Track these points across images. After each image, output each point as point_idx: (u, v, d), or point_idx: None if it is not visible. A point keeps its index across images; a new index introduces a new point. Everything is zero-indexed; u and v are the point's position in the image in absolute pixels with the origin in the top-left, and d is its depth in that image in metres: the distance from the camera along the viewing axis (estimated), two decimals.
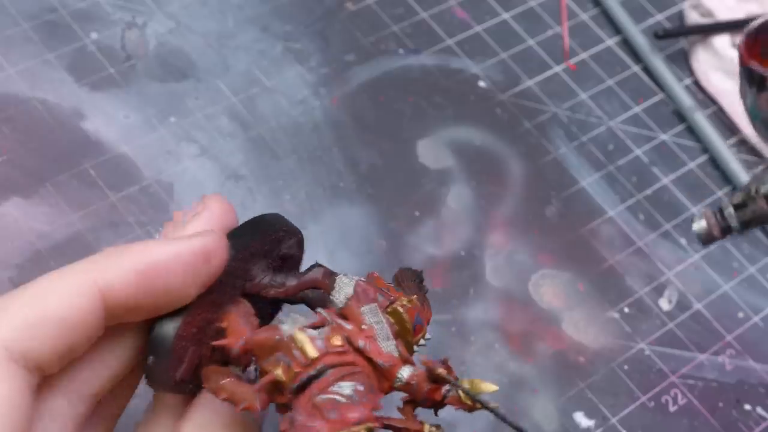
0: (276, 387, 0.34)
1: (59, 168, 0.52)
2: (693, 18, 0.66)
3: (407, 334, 0.37)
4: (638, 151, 0.61)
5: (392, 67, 0.61)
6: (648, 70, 0.65)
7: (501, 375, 0.51)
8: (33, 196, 0.51)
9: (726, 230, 0.46)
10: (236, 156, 0.55)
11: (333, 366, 0.34)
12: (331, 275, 0.37)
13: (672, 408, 0.52)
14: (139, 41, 0.58)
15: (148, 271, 0.33)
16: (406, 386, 0.36)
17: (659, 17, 0.67)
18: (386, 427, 0.36)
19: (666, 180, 0.60)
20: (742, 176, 0.60)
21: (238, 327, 0.35)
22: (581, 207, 0.58)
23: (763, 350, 0.55)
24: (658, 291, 0.56)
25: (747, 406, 0.53)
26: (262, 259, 0.37)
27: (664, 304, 0.56)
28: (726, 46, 0.64)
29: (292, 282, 0.37)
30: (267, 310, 0.38)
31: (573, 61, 0.64)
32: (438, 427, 0.36)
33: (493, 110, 0.60)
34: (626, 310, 0.55)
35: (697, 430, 0.52)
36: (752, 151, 0.63)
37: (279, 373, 0.33)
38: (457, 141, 0.59)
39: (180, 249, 0.33)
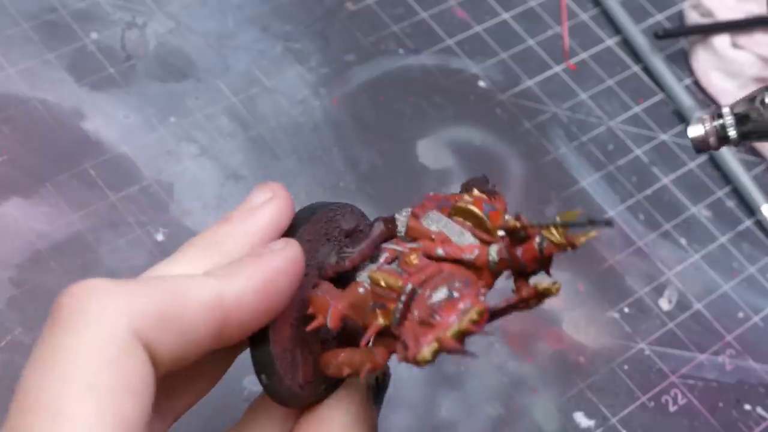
0: (387, 334, 0.33)
1: (59, 168, 0.52)
2: (693, 18, 0.66)
3: (483, 222, 0.35)
4: (638, 151, 0.61)
5: (392, 67, 0.61)
6: (648, 70, 0.65)
7: (501, 375, 0.51)
8: (33, 196, 0.51)
9: (723, 140, 0.43)
10: (236, 156, 0.55)
11: (422, 283, 0.33)
12: (392, 220, 0.36)
13: (672, 408, 0.52)
14: (139, 41, 0.58)
15: (263, 287, 0.32)
16: (503, 263, 0.34)
17: (659, 17, 0.67)
18: (504, 310, 0.34)
19: (666, 180, 0.60)
20: (742, 176, 0.60)
21: (323, 304, 0.34)
22: (581, 207, 0.58)
23: (763, 350, 0.55)
24: (658, 291, 0.56)
25: (747, 406, 0.53)
26: (326, 243, 0.36)
27: (664, 304, 0.56)
28: (726, 46, 0.64)
29: (361, 246, 0.36)
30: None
31: (573, 61, 0.64)
32: (554, 283, 0.34)
33: (493, 110, 0.60)
34: (626, 310, 0.55)
35: (697, 430, 0.52)
36: (752, 151, 0.63)
37: (379, 319, 0.33)
38: (457, 141, 0.59)
39: (281, 261, 0.33)
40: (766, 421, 0.53)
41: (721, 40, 0.64)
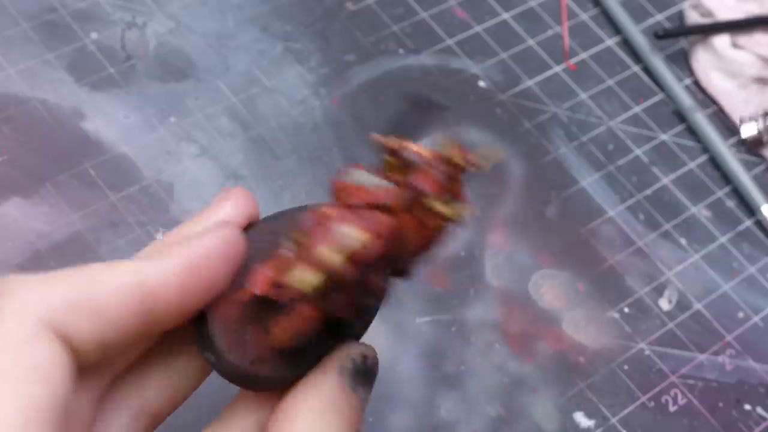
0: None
1: (59, 168, 0.52)
2: (693, 18, 0.66)
3: (406, 166, 0.35)
4: (638, 151, 0.61)
5: (392, 67, 0.61)
6: (648, 70, 0.65)
7: (501, 375, 0.51)
8: (33, 196, 0.51)
9: None
10: (236, 156, 0.55)
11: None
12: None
13: (672, 408, 0.52)
14: (139, 41, 0.58)
15: (189, 267, 0.33)
16: (411, 195, 0.34)
17: (659, 17, 0.67)
18: (407, 241, 0.34)
19: (666, 180, 0.60)
20: (742, 176, 0.60)
21: (254, 273, 0.34)
22: (581, 207, 0.58)
23: (763, 350, 0.55)
24: (658, 291, 0.56)
25: (747, 406, 0.53)
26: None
27: (664, 304, 0.56)
28: (726, 46, 0.64)
29: None
30: None
31: (573, 61, 0.64)
32: (460, 206, 0.34)
33: (493, 110, 0.60)
34: (626, 310, 0.55)
35: (697, 430, 0.52)
36: (752, 151, 0.63)
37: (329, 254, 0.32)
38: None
39: (210, 241, 0.34)
40: (766, 421, 0.53)
41: (721, 40, 0.64)
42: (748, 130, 0.43)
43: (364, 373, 0.35)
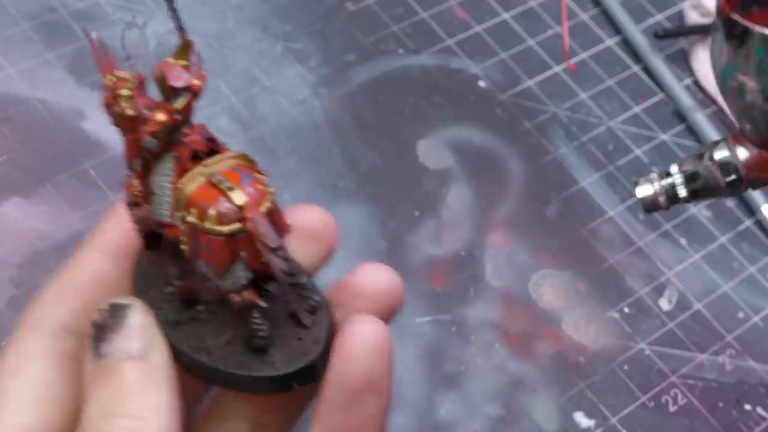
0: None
1: (59, 168, 0.52)
2: (693, 18, 0.66)
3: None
4: (638, 151, 0.61)
5: (392, 67, 0.61)
6: (648, 70, 0.65)
7: (501, 375, 0.51)
8: (33, 196, 0.51)
9: (673, 199, 0.41)
10: None
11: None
12: None
13: (672, 408, 0.52)
14: (139, 41, 0.58)
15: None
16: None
17: (659, 17, 0.67)
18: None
19: None
20: None
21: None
22: (581, 207, 0.58)
23: (763, 350, 0.55)
24: (658, 291, 0.56)
25: (747, 406, 0.53)
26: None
27: (664, 304, 0.56)
28: None
29: None
30: None
31: (573, 61, 0.64)
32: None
33: (493, 110, 0.60)
34: (626, 310, 0.55)
35: (697, 430, 0.52)
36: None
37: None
38: (457, 141, 0.59)
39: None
40: (766, 421, 0.53)
41: None
42: (643, 191, 0.42)
43: (103, 334, 0.33)
